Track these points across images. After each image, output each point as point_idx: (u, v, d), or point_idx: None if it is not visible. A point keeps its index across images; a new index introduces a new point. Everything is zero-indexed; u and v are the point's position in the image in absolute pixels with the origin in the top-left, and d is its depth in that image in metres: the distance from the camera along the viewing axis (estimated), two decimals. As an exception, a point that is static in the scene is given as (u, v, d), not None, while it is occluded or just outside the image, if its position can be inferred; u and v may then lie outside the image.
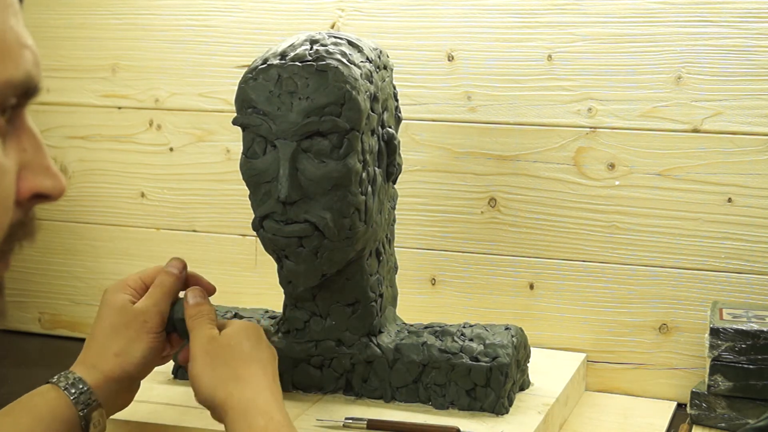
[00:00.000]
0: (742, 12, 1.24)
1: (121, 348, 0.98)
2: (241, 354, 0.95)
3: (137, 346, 0.99)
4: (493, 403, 1.09)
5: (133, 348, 0.99)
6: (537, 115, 1.33)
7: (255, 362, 0.95)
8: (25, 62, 0.57)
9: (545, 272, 1.35)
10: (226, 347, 0.95)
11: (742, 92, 1.25)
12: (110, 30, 1.50)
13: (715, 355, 1.18)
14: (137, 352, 0.99)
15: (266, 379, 0.94)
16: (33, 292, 1.59)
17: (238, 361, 0.94)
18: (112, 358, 0.98)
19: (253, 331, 0.98)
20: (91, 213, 1.55)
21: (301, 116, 1.00)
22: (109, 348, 0.98)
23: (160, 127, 1.49)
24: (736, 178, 1.26)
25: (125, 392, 1.01)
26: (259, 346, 0.97)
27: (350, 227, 1.03)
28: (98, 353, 0.98)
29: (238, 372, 0.93)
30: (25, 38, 0.57)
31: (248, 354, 0.95)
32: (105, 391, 0.96)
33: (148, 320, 1.00)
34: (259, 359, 0.95)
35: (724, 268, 1.28)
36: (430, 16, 1.35)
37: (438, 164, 1.37)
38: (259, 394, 0.91)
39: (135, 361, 0.99)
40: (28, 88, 0.57)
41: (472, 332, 1.13)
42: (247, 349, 0.95)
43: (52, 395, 0.94)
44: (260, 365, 0.95)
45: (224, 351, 0.95)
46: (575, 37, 1.30)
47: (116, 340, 0.99)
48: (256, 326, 0.99)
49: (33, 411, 0.93)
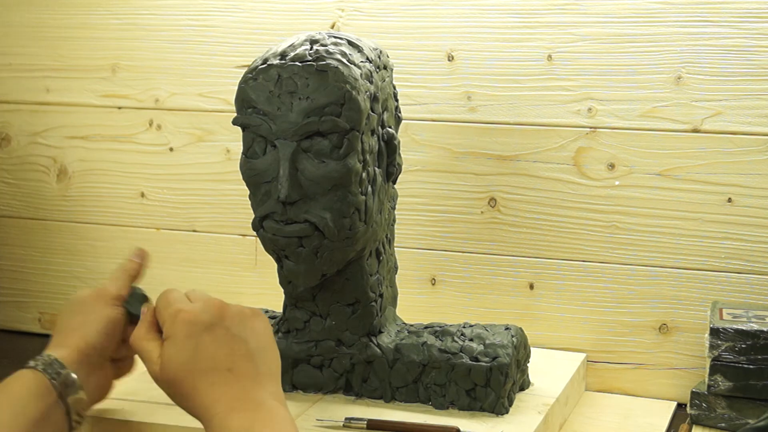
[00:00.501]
0: (742, 12, 1.24)
1: (80, 321, 0.99)
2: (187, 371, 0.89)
3: (94, 316, 1.00)
4: (493, 403, 1.09)
5: (90, 319, 0.99)
6: (537, 115, 1.33)
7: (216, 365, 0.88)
8: None
9: (545, 272, 1.35)
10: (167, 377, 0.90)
11: (742, 92, 1.25)
12: (110, 30, 1.50)
13: (715, 355, 1.18)
14: (94, 322, 0.99)
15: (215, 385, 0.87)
16: (33, 292, 1.59)
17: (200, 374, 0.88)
18: (73, 333, 0.98)
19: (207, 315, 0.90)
20: (91, 213, 1.55)
21: (301, 116, 1.00)
22: (70, 325, 1.00)
23: (160, 127, 1.49)
24: (736, 178, 1.26)
25: (98, 370, 0.99)
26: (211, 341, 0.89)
27: (350, 227, 1.03)
28: (62, 333, 0.99)
29: (180, 391, 0.89)
30: None
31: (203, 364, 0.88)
32: (77, 368, 0.96)
33: (101, 293, 1.01)
34: (224, 357, 0.88)
35: (724, 268, 1.28)
36: (430, 16, 1.35)
37: (438, 164, 1.37)
38: (213, 404, 0.86)
39: (93, 330, 0.99)
40: None
41: (472, 332, 1.13)
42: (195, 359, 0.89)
43: (28, 376, 0.94)
44: (224, 364, 0.88)
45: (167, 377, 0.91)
46: (575, 37, 1.30)
47: (75, 317, 1.00)
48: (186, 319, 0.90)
49: (10, 395, 0.92)
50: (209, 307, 0.90)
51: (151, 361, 0.91)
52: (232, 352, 0.88)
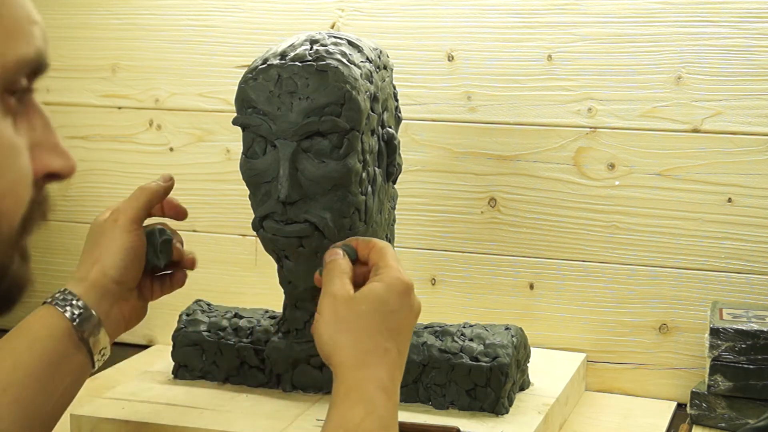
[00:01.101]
0: (742, 12, 1.24)
1: (99, 253, 0.96)
2: (368, 325, 0.87)
3: (112, 247, 0.96)
4: (493, 403, 1.09)
5: (108, 250, 0.96)
6: (537, 115, 1.33)
7: (380, 336, 0.86)
8: (35, 39, 0.56)
9: (545, 272, 1.35)
10: (355, 312, 0.87)
11: (742, 92, 1.25)
12: (110, 30, 1.50)
13: (715, 355, 1.18)
14: (112, 254, 0.96)
15: (386, 358, 0.86)
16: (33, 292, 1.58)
17: (362, 332, 0.86)
18: (92, 265, 0.96)
19: (394, 295, 0.88)
20: (91, 213, 1.54)
21: (301, 116, 1.00)
22: (89, 258, 0.97)
23: (160, 127, 1.49)
24: (736, 178, 1.26)
25: (120, 300, 0.97)
26: (394, 315, 0.87)
27: (350, 227, 1.03)
28: (81, 266, 0.97)
29: (358, 344, 0.86)
30: (33, 14, 0.56)
31: (376, 326, 0.87)
32: (96, 302, 0.94)
33: (118, 218, 0.98)
34: (388, 333, 0.87)
35: (724, 268, 1.28)
36: (430, 16, 1.35)
37: (438, 164, 1.37)
38: (370, 376, 0.84)
39: (112, 262, 0.96)
40: (39, 65, 0.56)
41: (472, 332, 1.13)
42: (376, 320, 0.87)
43: (44, 313, 0.92)
44: (386, 340, 0.86)
45: (351, 315, 0.87)
46: (575, 37, 1.30)
47: (94, 249, 0.97)
48: (399, 287, 0.88)
49: (28, 331, 0.91)
50: (398, 284, 0.88)
51: (329, 297, 0.88)
52: (393, 339, 0.87)
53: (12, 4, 0.55)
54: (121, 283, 0.96)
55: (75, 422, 1.08)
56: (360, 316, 0.87)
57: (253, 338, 1.16)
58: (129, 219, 0.98)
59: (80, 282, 0.95)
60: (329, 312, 0.87)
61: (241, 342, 1.17)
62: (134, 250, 0.97)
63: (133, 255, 0.97)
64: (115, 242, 0.97)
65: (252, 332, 1.17)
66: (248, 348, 1.16)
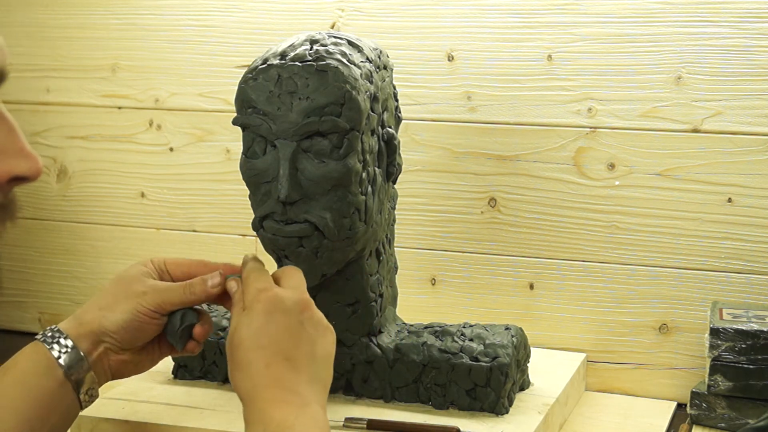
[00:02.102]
0: (742, 12, 1.24)
1: (107, 303, 0.94)
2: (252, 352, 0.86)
3: (123, 307, 0.93)
4: (493, 403, 1.09)
5: (118, 307, 0.93)
6: (537, 115, 1.33)
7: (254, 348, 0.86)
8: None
9: (545, 272, 1.35)
10: (232, 345, 0.87)
11: (742, 92, 1.25)
12: (110, 30, 1.50)
13: (715, 355, 1.18)
14: (119, 313, 0.93)
15: (270, 367, 0.85)
16: (33, 292, 1.59)
17: (237, 347, 0.86)
18: (95, 311, 0.94)
19: (273, 307, 0.87)
20: (91, 213, 1.55)
21: (301, 116, 1.00)
22: (97, 302, 0.95)
23: (160, 127, 1.49)
24: (736, 178, 1.26)
25: (110, 351, 0.94)
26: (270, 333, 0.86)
27: (350, 227, 1.03)
28: (86, 307, 0.95)
29: (236, 359, 0.86)
30: None
31: (246, 338, 0.86)
32: (82, 342, 0.92)
33: (148, 294, 0.94)
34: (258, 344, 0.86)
35: (724, 268, 1.28)
36: (430, 16, 1.35)
37: (438, 164, 1.37)
38: (260, 384, 0.84)
39: (115, 320, 0.93)
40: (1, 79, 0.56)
41: (472, 332, 1.13)
42: (249, 333, 0.86)
43: (31, 350, 0.91)
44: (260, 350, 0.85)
45: (231, 351, 0.87)
46: (575, 37, 1.30)
47: (106, 296, 0.95)
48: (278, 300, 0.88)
49: (15, 368, 0.90)
50: (294, 297, 0.88)
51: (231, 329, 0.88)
52: (297, 346, 0.86)
53: None
54: (117, 341, 0.94)
55: (75, 422, 1.08)
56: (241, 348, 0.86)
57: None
58: (152, 304, 0.94)
59: (74, 321, 0.94)
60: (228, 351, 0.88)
61: (241, 342, 1.16)
62: (140, 325, 0.94)
63: (136, 326, 0.94)
64: (128, 306, 0.94)
65: (252, 332, 1.17)
66: (248, 348, 1.16)
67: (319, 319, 0.89)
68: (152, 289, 0.94)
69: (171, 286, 0.95)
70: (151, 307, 0.94)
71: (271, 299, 0.88)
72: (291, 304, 0.88)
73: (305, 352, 0.86)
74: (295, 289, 0.90)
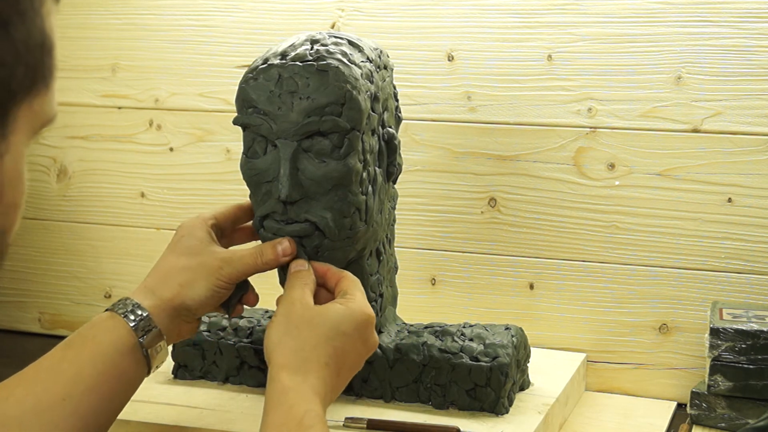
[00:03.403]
0: (742, 12, 1.24)
1: (188, 280, 0.96)
2: (315, 336, 0.90)
3: (204, 284, 0.97)
4: (493, 403, 1.09)
5: (199, 285, 0.96)
6: (537, 115, 1.33)
7: (323, 350, 0.89)
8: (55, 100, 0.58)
9: (545, 272, 1.35)
10: (306, 321, 0.91)
11: (742, 92, 1.25)
12: (110, 30, 1.50)
13: (715, 355, 1.18)
14: (202, 290, 0.97)
15: (323, 372, 0.89)
16: (33, 292, 1.59)
17: (307, 342, 0.90)
18: (176, 287, 0.96)
19: (350, 321, 0.92)
20: (91, 213, 1.55)
21: (301, 116, 1.00)
22: (175, 278, 0.97)
23: (160, 127, 1.49)
24: (736, 178, 1.27)
25: (183, 323, 0.98)
26: (343, 338, 0.91)
27: (351, 227, 1.03)
28: (162, 280, 0.97)
29: (300, 351, 0.89)
30: None
31: (322, 341, 0.90)
32: (162, 318, 0.94)
33: (224, 268, 0.98)
34: (333, 351, 0.90)
35: (724, 268, 1.28)
36: (430, 16, 1.35)
37: (438, 164, 1.37)
38: (306, 381, 0.87)
39: (197, 296, 0.96)
40: None
41: (472, 332, 1.13)
42: (324, 336, 0.90)
43: (110, 324, 0.92)
44: (329, 356, 0.89)
45: (302, 323, 0.91)
46: (575, 37, 1.30)
47: (185, 273, 0.97)
48: (359, 316, 0.92)
49: (93, 342, 0.91)
50: (359, 313, 0.93)
51: (287, 302, 0.94)
52: (335, 358, 0.90)
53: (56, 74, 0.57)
54: (195, 314, 0.98)
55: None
56: (311, 326, 0.91)
57: (253, 338, 1.16)
58: (232, 277, 0.98)
59: (154, 296, 0.95)
60: (283, 315, 0.93)
61: (241, 342, 1.17)
62: (220, 297, 0.99)
63: (217, 299, 0.98)
64: (210, 283, 0.97)
65: (252, 332, 1.17)
66: (248, 348, 1.16)
67: (368, 340, 0.93)
68: (226, 262, 0.98)
69: (243, 256, 0.99)
70: (228, 279, 0.98)
71: (366, 323, 0.93)
72: (371, 337, 0.93)
73: (337, 367, 0.91)
74: (362, 305, 0.94)
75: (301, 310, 0.92)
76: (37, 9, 0.54)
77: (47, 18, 0.55)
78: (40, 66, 0.54)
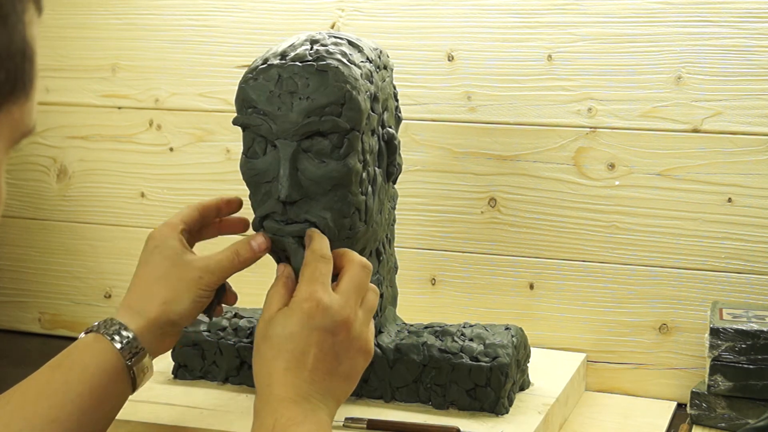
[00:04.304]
0: (742, 12, 1.24)
1: (170, 297, 0.96)
2: (270, 348, 0.89)
3: (187, 297, 0.96)
4: (493, 403, 1.09)
5: (182, 299, 0.96)
6: (537, 115, 1.33)
7: (280, 357, 0.88)
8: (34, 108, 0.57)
9: (545, 272, 1.35)
10: (262, 335, 0.90)
11: (742, 92, 1.25)
12: (110, 30, 1.50)
13: (715, 355, 1.18)
14: (185, 303, 0.96)
15: (287, 377, 0.87)
16: (33, 292, 1.59)
17: (264, 356, 0.89)
18: (159, 306, 0.95)
19: (294, 321, 0.89)
20: (91, 213, 1.55)
21: (301, 116, 1.00)
22: (157, 295, 0.96)
23: (160, 127, 1.49)
24: (736, 178, 1.26)
25: (168, 337, 0.98)
26: (296, 337, 0.88)
27: (350, 227, 1.03)
28: (144, 299, 0.96)
29: (262, 368, 0.89)
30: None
31: (274, 350, 0.88)
32: (148, 337, 0.94)
33: (204, 277, 0.97)
34: (288, 355, 0.88)
35: (724, 268, 1.28)
36: (430, 16, 1.35)
37: (438, 164, 1.37)
38: (267, 398, 0.86)
39: (181, 310, 0.96)
40: None
41: (472, 332, 1.13)
42: (275, 344, 0.88)
43: (97, 347, 0.92)
44: (285, 361, 0.87)
45: (260, 339, 0.90)
46: (575, 37, 1.30)
47: (165, 289, 0.96)
48: (304, 311, 0.89)
49: (81, 365, 0.91)
50: (337, 317, 0.89)
51: (266, 311, 0.92)
52: (322, 360, 0.88)
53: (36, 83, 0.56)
54: (180, 326, 0.98)
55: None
56: (265, 339, 0.90)
57: (253, 338, 1.16)
58: (212, 284, 0.97)
59: (139, 317, 0.95)
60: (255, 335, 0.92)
61: (241, 342, 1.17)
62: (203, 305, 0.98)
63: (200, 308, 0.98)
64: (191, 295, 0.97)
65: (252, 332, 1.17)
66: (248, 348, 1.16)
67: (353, 340, 0.90)
68: (205, 271, 0.98)
69: (220, 262, 0.98)
70: (209, 287, 0.98)
71: (312, 312, 0.89)
72: (330, 323, 0.89)
73: (326, 369, 0.88)
74: (343, 303, 0.90)
75: (260, 326, 0.91)
76: (19, 15, 0.53)
77: (29, 26, 0.54)
78: (20, 73, 0.54)
